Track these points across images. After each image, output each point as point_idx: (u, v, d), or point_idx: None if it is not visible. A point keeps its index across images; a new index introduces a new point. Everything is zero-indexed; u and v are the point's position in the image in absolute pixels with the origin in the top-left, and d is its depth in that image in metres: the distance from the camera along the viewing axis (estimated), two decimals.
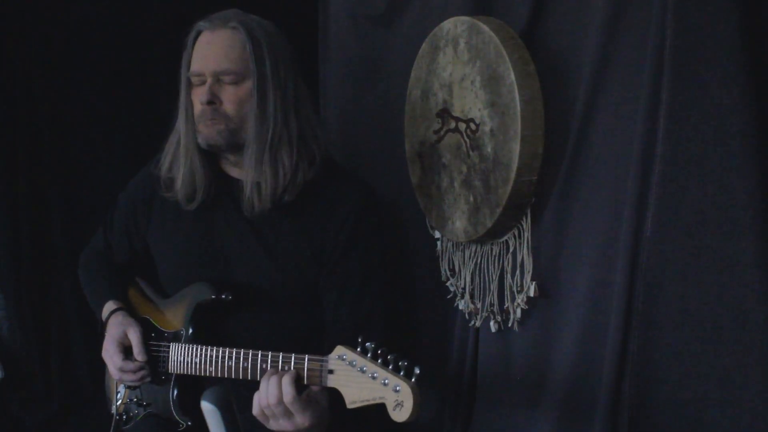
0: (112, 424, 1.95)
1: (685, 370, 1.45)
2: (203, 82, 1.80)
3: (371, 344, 1.48)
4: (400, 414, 1.40)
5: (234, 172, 1.89)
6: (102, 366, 2.01)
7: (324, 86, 2.66)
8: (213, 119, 1.78)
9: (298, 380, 1.56)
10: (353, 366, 1.48)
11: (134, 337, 1.84)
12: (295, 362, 1.57)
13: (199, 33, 1.83)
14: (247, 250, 1.85)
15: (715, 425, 1.43)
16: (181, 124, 1.86)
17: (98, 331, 1.97)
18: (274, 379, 1.56)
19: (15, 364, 2.73)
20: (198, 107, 1.81)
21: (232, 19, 1.81)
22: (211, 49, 1.80)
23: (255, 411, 1.59)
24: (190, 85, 1.83)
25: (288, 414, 1.56)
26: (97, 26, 2.71)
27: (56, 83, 2.69)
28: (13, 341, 2.73)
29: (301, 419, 1.56)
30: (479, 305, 1.92)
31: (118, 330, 1.86)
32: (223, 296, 1.80)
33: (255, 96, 1.78)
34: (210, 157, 1.86)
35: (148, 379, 1.85)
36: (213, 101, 1.78)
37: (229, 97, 1.79)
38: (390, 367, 1.44)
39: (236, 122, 1.79)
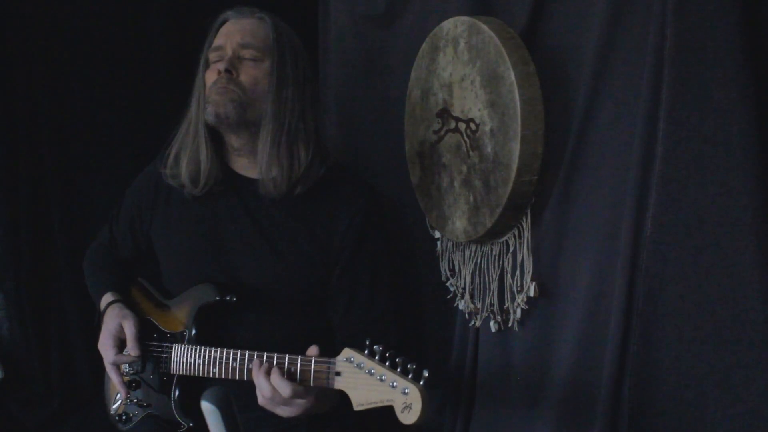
0: (112, 424, 1.95)
1: (685, 370, 1.45)
2: (222, 58, 1.81)
3: (379, 347, 1.48)
4: (409, 417, 1.41)
5: (242, 168, 1.88)
6: (102, 365, 2.02)
7: (324, 86, 2.66)
8: (227, 87, 1.77)
9: (289, 375, 1.56)
10: (361, 368, 1.47)
11: (129, 331, 1.83)
12: (301, 364, 1.56)
13: (224, 21, 1.87)
14: (252, 248, 1.84)
15: (715, 425, 1.43)
16: (193, 106, 1.86)
17: (95, 322, 1.97)
18: (260, 376, 1.57)
19: (15, 364, 2.73)
20: (212, 78, 1.81)
21: (258, 12, 1.86)
22: (235, 28, 1.83)
23: (261, 402, 1.60)
24: (207, 66, 1.84)
25: (287, 402, 1.58)
26: (97, 26, 2.71)
27: (56, 84, 2.69)
28: (13, 341, 2.73)
29: (302, 402, 1.58)
30: (479, 305, 1.92)
31: (114, 322, 1.86)
32: (228, 298, 1.80)
33: (274, 77, 1.79)
34: (218, 147, 1.86)
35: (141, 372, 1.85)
36: (230, 70, 1.78)
37: (247, 71, 1.80)
38: (398, 369, 1.44)
39: (250, 96, 1.79)
